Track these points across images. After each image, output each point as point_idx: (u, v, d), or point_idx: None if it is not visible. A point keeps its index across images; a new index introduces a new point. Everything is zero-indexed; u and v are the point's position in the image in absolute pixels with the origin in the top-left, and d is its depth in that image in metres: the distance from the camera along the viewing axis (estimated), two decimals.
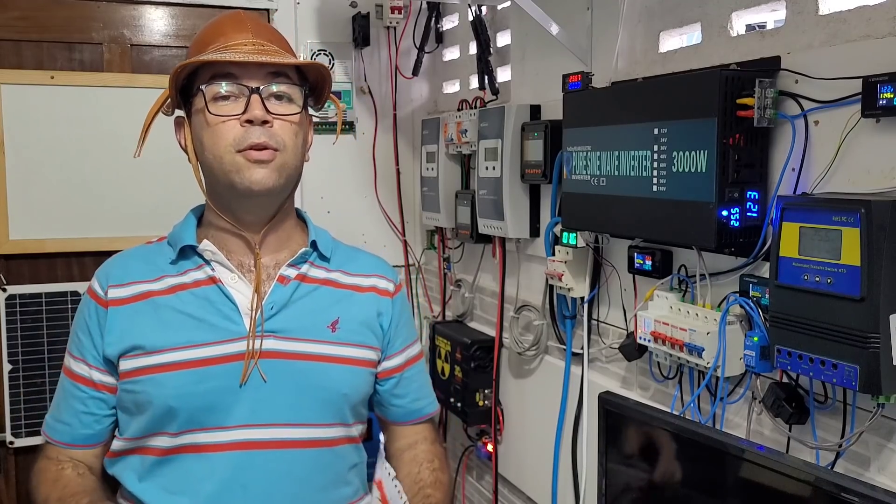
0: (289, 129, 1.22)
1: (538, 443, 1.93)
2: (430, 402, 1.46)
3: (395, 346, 1.38)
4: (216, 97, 1.20)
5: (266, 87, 1.21)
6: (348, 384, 1.28)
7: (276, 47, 1.24)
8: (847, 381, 1.00)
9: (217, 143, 1.20)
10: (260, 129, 1.19)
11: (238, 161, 1.19)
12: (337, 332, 1.28)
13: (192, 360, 1.20)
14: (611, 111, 1.44)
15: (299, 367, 1.24)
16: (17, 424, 2.24)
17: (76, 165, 2.29)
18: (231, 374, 1.20)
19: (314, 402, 1.25)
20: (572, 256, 1.68)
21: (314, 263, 1.31)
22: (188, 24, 2.41)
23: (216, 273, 1.25)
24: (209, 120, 1.20)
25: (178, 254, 1.26)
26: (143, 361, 1.21)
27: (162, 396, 1.19)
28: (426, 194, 2.39)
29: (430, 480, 1.37)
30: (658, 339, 1.35)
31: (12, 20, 2.24)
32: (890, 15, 1.05)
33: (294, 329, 1.25)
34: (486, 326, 2.23)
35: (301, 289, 1.28)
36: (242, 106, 1.19)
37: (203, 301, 1.24)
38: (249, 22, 1.25)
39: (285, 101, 1.23)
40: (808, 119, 1.16)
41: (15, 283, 2.26)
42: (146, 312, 1.24)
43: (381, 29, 2.57)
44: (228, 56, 1.18)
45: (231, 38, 1.22)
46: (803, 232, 1.05)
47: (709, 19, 1.36)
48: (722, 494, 1.13)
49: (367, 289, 1.35)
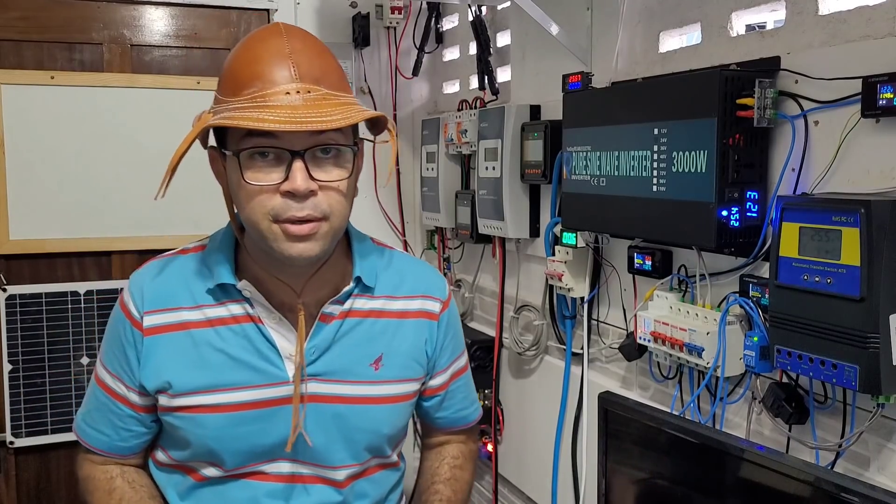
0: (336, 195, 1.07)
1: (538, 443, 1.93)
2: (473, 409, 1.42)
3: (440, 366, 1.31)
4: (252, 157, 1.05)
5: (311, 150, 1.05)
6: (389, 424, 1.24)
7: (325, 90, 1.05)
8: (847, 381, 1.00)
9: (254, 210, 1.05)
10: (302, 202, 1.04)
11: (276, 231, 1.05)
12: (380, 371, 1.21)
13: (231, 403, 1.15)
14: (611, 111, 1.44)
15: (340, 410, 1.18)
16: (17, 424, 2.24)
17: (76, 165, 2.29)
18: (271, 419, 1.16)
19: (354, 444, 1.21)
20: (572, 256, 1.68)
21: (358, 295, 1.21)
22: (188, 24, 2.41)
23: (255, 311, 1.15)
24: (244, 187, 1.05)
25: (217, 285, 1.16)
26: (182, 401, 1.15)
27: (202, 437, 1.15)
28: (426, 194, 2.39)
29: (446, 476, 1.36)
30: (658, 339, 1.35)
31: (13, 20, 2.24)
32: (890, 15, 1.05)
33: (336, 371, 1.18)
34: (486, 326, 2.23)
35: (345, 325, 1.19)
36: (283, 172, 1.04)
37: (243, 340, 1.15)
38: (293, 54, 1.05)
39: (332, 157, 1.07)
40: (807, 119, 1.16)
41: (15, 283, 2.26)
42: (184, 347, 1.15)
43: (381, 29, 2.58)
44: (265, 119, 1.00)
45: (269, 81, 1.03)
46: (803, 232, 1.05)
47: (709, 19, 1.36)
48: (722, 494, 1.13)
49: (413, 314, 1.26)
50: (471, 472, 1.42)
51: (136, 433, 1.22)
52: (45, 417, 2.26)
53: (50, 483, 2.35)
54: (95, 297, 2.29)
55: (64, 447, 2.31)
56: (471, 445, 1.44)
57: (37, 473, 2.34)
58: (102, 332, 1.27)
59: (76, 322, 2.27)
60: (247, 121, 1.01)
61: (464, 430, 1.42)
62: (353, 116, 1.05)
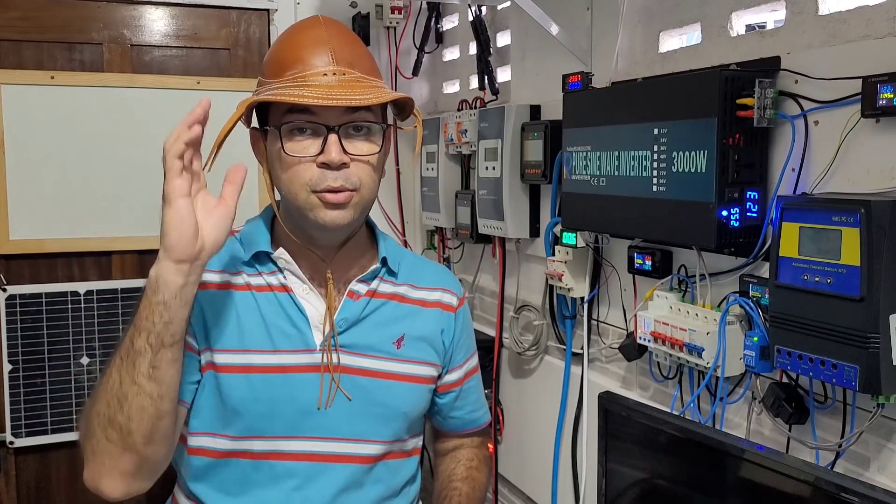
0: (366, 168, 1.18)
1: (538, 443, 1.93)
2: (483, 412, 1.46)
3: (455, 361, 1.37)
4: (291, 132, 1.17)
5: (344, 126, 1.16)
6: (408, 402, 1.29)
7: (359, 73, 1.18)
8: (847, 381, 1.00)
9: (293, 181, 1.17)
10: (336, 172, 1.15)
11: (313, 201, 1.16)
12: (402, 349, 1.28)
13: (260, 364, 1.20)
14: (611, 111, 1.44)
15: (364, 383, 1.24)
16: (17, 424, 2.24)
17: (76, 165, 2.29)
18: (297, 385, 1.20)
19: (374, 418, 1.25)
20: (572, 256, 1.68)
21: (383, 278, 1.29)
22: (188, 24, 2.41)
23: (288, 282, 1.24)
24: (284, 159, 1.17)
25: (253, 256, 1.25)
26: (215, 358, 1.20)
27: (229, 398, 1.19)
28: (426, 194, 2.39)
29: (463, 475, 1.40)
30: (658, 339, 1.36)
31: (13, 20, 2.24)
32: (889, 15, 1.05)
33: (362, 345, 1.25)
34: (485, 326, 2.23)
35: (370, 304, 1.27)
36: (319, 145, 1.15)
37: (276, 307, 1.23)
38: (331, 41, 1.17)
39: (363, 135, 1.19)
40: (807, 119, 1.16)
41: (15, 283, 2.25)
42: (225, 304, 1.23)
43: (381, 29, 2.57)
44: (305, 95, 1.13)
45: (309, 64, 1.15)
46: (803, 232, 1.05)
47: (708, 19, 1.36)
48: (722, 494, 1.13)
49: (432, 304, 1.34)
50: (486, 476, 1.45)
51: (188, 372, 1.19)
52: (45, 417, 2.26)
53: (50, 483, 2.35)
54: (95, 297, 2.28)
55: (64, 447, 2.31)
56: (485, 451, 1.48)
57: (37, 473, 2.33)
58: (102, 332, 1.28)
59: (76, 322, 2.27)
60: (289, 97, 1.13)
61: (476, 434, 1.46)
62: (383, 96, 1.17)
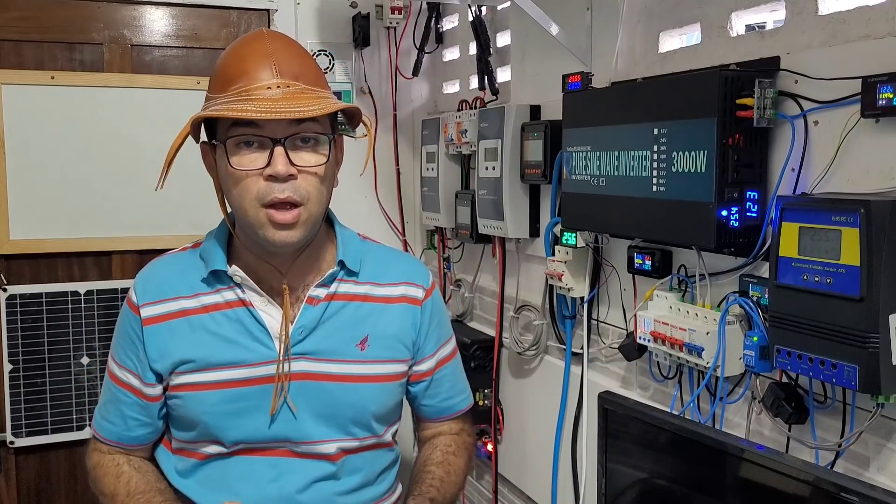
0: (313, 180, 1.19)
1: (538, 443, 1.93)
2: (462, 398, 1.47)
3: (425, 352, 1.38)
4: (238, 146, 1.17)
5: (290, 138, 1.16)
6: (376, 401, 1.31)
7: (303, 85, 1.17)
8: (847, 381, 1.00)
9: (242, 196, 1.17)
10: (283, 184, 1.16)
11: (262, 218, 1.17)
12: (366, 350, 1.29)
13: (225, 380, 1.24)
14: (610, 111, 1.44)
15: (329, 387, 1.27)
16: (18, 424, 2.24)
17: (76, 165, 2.29)
18: (263, 396, 1.24)
19: (343, 419, 1.29)
20: (572, 256, 1.68)
21: (343, 279, 1.31)
22: (188, 24, 2.41)
23: (246, 296, 1.26)
24: (231, 173, 1.17)
25: (210, 273, 1.27)
26: (182, 380, 1.25)
27: (201, 414, 1.24)
28: (426, 194, 2.39)
29: (438, 460, 1.40)
30: (658, 339, 1.36)
31: (13, 20, 2.24)
32: (889, 15, 1.05)
33: (324, 350, 1.27)
34: (485, 326, 2.23)
35: (330, 308, 1.29)
36: (265, 158, 1.15)
37: (236, 323, 1.25)
38: (275, 54, 1.18)
39: (310, 146, 1.19)
40: (807, 119, 1.16)
41: (15, 283, 2.26)
42: (182, 331, 1.25)
43: (381, 29, 2.57)
44: (248, 109, 1.13)
45: (253, 78, 1.15)
46: (803, 232, 1.05)
47: (708, 20, 1.36)
48: (722, 494, 1.13)
49: (397, 299, 1.34)
50: (465, 461, 1.44)
51: (142, 422, 1.30)
52: (45, 417, 2.26)
53: (50, 483, 2.35)
54: (95, 297, 2.29)
55: (64, 447, 2.31)
56: (465, 438, 1.47)
57: (37, 473, 2.34)
58: (102, 331, 1.32)
59: (76, 322, 2.27)
60: (232, 111, 1.13)
61: (455, 420, 1.46)
62: (328, 107, 1.17)
